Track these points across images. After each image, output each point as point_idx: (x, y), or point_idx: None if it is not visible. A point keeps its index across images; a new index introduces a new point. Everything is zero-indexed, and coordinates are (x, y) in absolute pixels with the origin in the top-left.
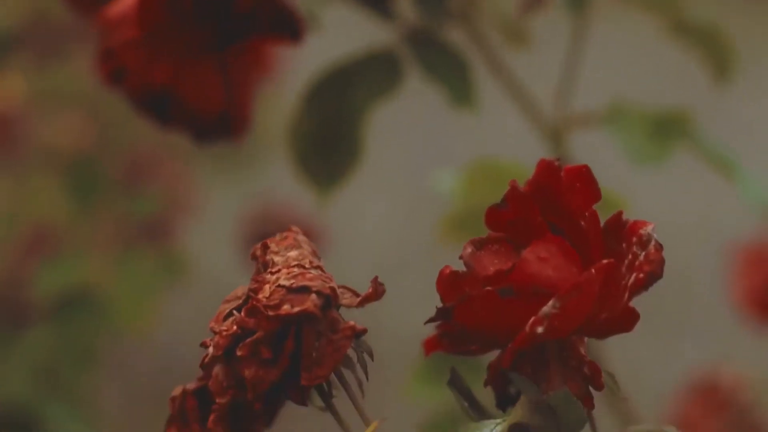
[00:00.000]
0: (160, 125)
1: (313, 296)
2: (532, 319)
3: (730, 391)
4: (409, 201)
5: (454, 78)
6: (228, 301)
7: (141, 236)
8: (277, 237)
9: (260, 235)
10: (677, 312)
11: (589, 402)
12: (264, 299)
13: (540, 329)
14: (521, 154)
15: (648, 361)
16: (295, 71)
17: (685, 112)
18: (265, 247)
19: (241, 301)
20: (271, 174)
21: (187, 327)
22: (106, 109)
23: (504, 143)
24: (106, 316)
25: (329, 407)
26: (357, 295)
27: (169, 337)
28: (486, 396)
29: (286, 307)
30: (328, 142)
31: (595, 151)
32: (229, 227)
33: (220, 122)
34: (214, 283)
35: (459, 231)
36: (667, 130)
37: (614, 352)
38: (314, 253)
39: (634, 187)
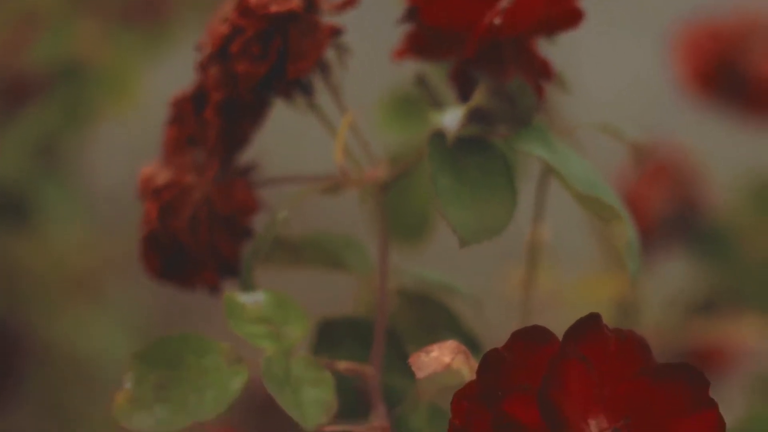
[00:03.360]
0: None
1: None
2: (490, 11)
3: (673, 164)
4: None
5: None
6: (220, 11)
7: (131, 12)
8: None
9: None
10: None
11: (541, 92)
12: (254, 2)
13: (497, 20)
14: None
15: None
16: None
17: None
18: None
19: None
20: None
21: None
22: None
23: None
24: (97, 89)
25: (310, 104)
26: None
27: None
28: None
29: (274, 7)
30: None
31: None
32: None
33: None
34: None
35: None
36: None
37: None
38: None
39: None
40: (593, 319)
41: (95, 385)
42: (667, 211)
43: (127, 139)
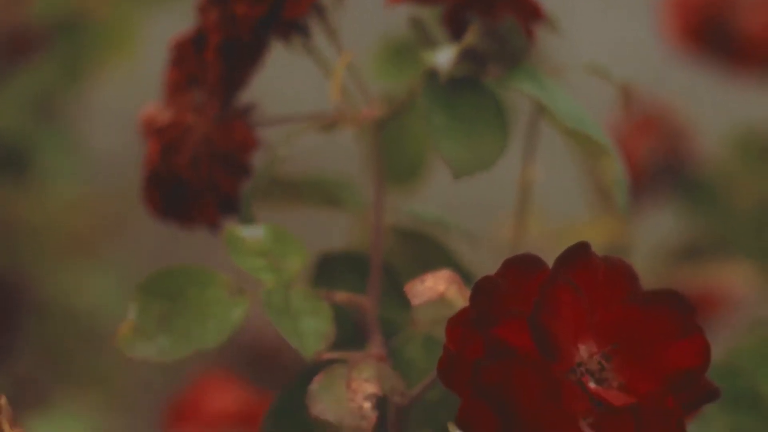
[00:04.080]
0: None
1: None
2: None
3: (661, 116)
4: None
5: None
6: None
7: None
8: None
9: None
10: None
11: (531, 33)
12: None
13: None
14: None
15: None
16: None
17: None
18: None
19: None
20: None
21: None
22: None
23: None
24: (97, 43)
25: (307, 46)
26: None
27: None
28: None
29: None
30: None
31: None
32: None
33: None
34: None
35: None
36: None
37: None
38: None
39: None
40: (582, 247)
41: (91, 338)
42: (656, 161)
43: (126, 97)
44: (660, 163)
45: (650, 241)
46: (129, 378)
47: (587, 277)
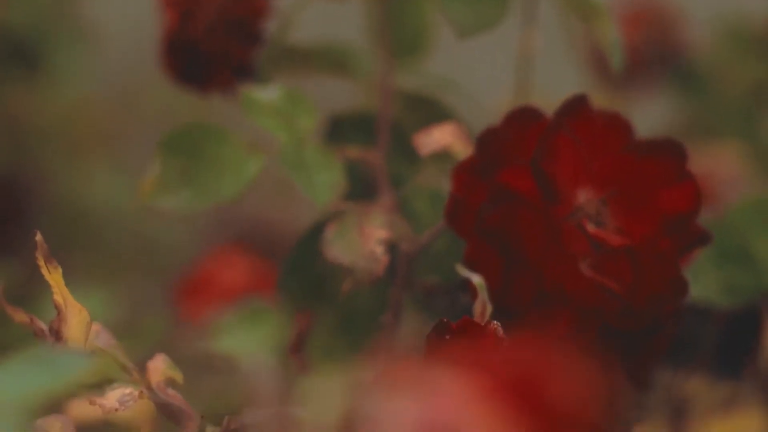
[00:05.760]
0: None
1: None
2: None
3: (651, 8)
4: None
5: None
6: None
7: None
8: None
9: None
10: None
11: None
12: None
13: None
14: None
15: None
16: None
17: None
18: None
19: None
20: None
21: None
22: None
23: None
24: None
25: None
26: None
27: None
28: None
29: None
30: None
31: None
32: None
33: None
34: None
35: None
36: None
37: None
38: None
39: None
40: (581, 99)
41: (101, 236)
42: (648, 51)
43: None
44: (652, 53)
45: (643, 129)
46: (138, 273)
47: (586, 127)
